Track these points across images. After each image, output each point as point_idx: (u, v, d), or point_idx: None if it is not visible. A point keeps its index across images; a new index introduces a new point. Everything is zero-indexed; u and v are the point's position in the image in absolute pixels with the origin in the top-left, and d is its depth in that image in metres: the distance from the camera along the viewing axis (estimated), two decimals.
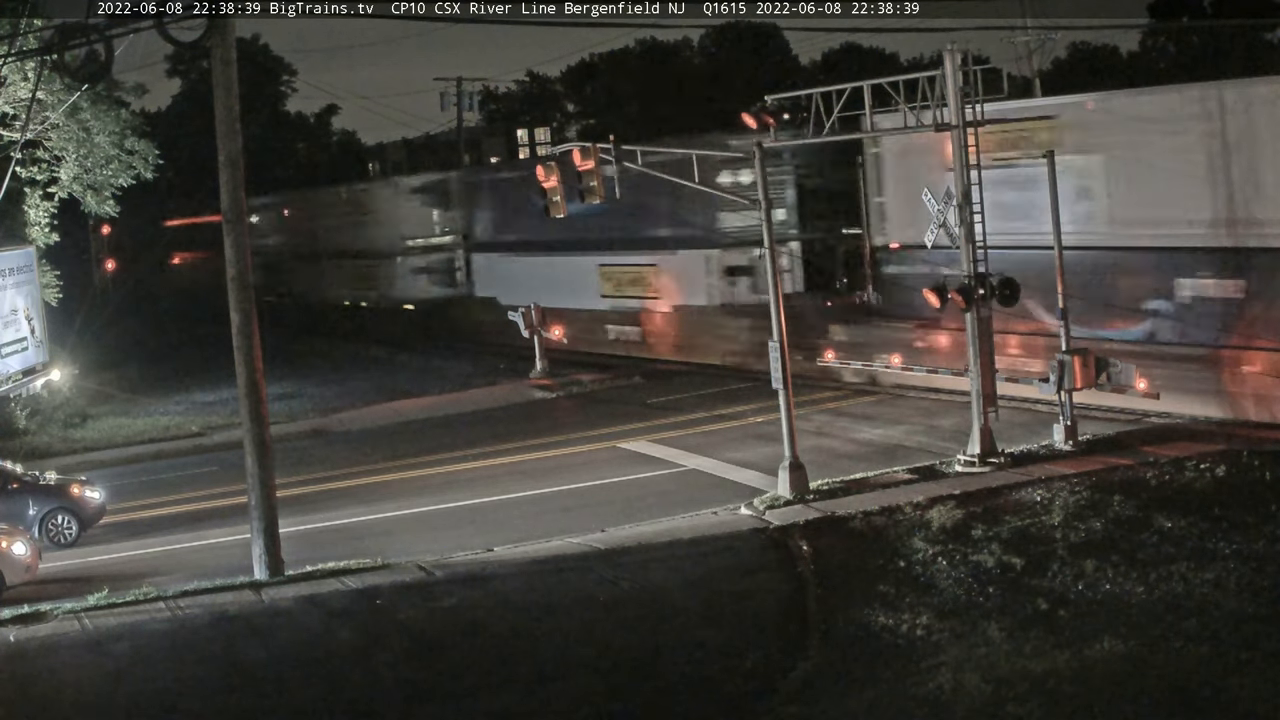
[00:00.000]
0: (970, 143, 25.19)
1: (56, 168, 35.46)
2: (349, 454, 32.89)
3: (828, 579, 20.15)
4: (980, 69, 25.94)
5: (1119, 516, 21.23)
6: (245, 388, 22.13)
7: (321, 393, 42.16)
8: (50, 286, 37.25)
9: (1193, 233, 27.67)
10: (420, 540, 23.77)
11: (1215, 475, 22.92)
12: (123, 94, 38.66)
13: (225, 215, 22.10)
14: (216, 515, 26.96)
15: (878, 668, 16.73)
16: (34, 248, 35.46)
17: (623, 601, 19.75)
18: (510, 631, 18.85)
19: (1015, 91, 26.96)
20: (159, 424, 38.45)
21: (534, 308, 40.79)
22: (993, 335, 25.82)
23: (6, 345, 32.96)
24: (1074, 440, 25.84)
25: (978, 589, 19.01)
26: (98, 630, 19.67)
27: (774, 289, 24.73)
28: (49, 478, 27.17)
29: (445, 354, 48.94)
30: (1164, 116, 28.35)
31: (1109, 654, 16.20)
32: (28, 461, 30.12)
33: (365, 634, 19.12)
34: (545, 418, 35.67)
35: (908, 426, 29.73)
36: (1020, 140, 30.30)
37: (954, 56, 25.16)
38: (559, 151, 30.32)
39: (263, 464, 22.10)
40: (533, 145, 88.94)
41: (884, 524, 22.14)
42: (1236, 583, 18.22)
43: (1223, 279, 27.35)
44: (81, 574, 23.54)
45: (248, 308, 22.03)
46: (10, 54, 29.06)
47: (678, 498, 25.29)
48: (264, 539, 21.98)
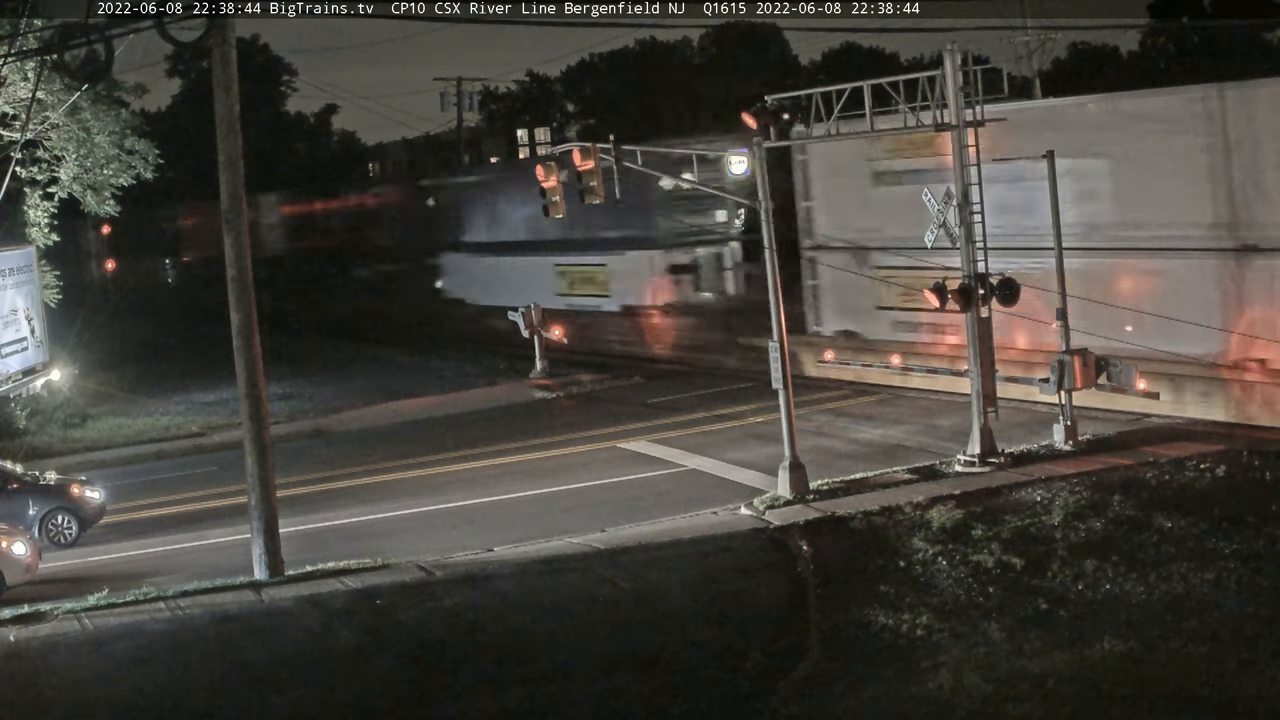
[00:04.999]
0: (970, 143, 25.22)
1: (56, 168, 35.44)
2: (349, 454, 32.89)
3: (828, 579, 20.16)
4: (980, 69, 25.96)
5: (1119, 516, 21.24)
6: (245, 388, 22.14)
7: (321, 392, 42.17)
8: (50, 287, 37.22)
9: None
10: (420, 540, 23.77)
11: (1215, 475, 22.94)
12: (123, 94, 38.59)
13: (225, 215, 22.13)
14: (216, 515, 26.96)
15: (878, 668, 16.73)
16: (34, 248, 35.43)
17: (623, 601, 19.76)
18: (510, 631, 18.85)
19: (1015, 91, 26.94)
20: (159, 424, 38.47)
21: (534, 308, 40.87)
22: (992, 335, 25.84)
23: (6, 345, 32.93)
24: (1074, 440, 25.86)
25: (978, 589, 19.01)
26: (98, 630, 19.67)
27: (774, 290, 24.70)
28: (49, 478, 27.18)
29: (443, 354, 48.96)
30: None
31: (1109, 654, 16.21)
32: (28, 461, 30.11)
33: (365, 634, 19.13)
34: (545, 417, 35.67)
35: (908, 426, 29.74)
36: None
37: (954, 56, 25.18)
38: (559, 151, 30.30)
39: (263, 464, 22.11)
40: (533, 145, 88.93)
41: (884, 524, 22.14)
42: (1236, 583, 18.22)
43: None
44: (81, 574, 23.54)
45: (248, 308, 22.05)
46: (10, 54, 29.03)
47: (678, 498, 25.30)
48: (264, 539, 21.99)
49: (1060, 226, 26.41)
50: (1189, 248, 27.48)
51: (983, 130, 25.41)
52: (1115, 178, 28.80)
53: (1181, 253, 27.63)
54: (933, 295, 25.37)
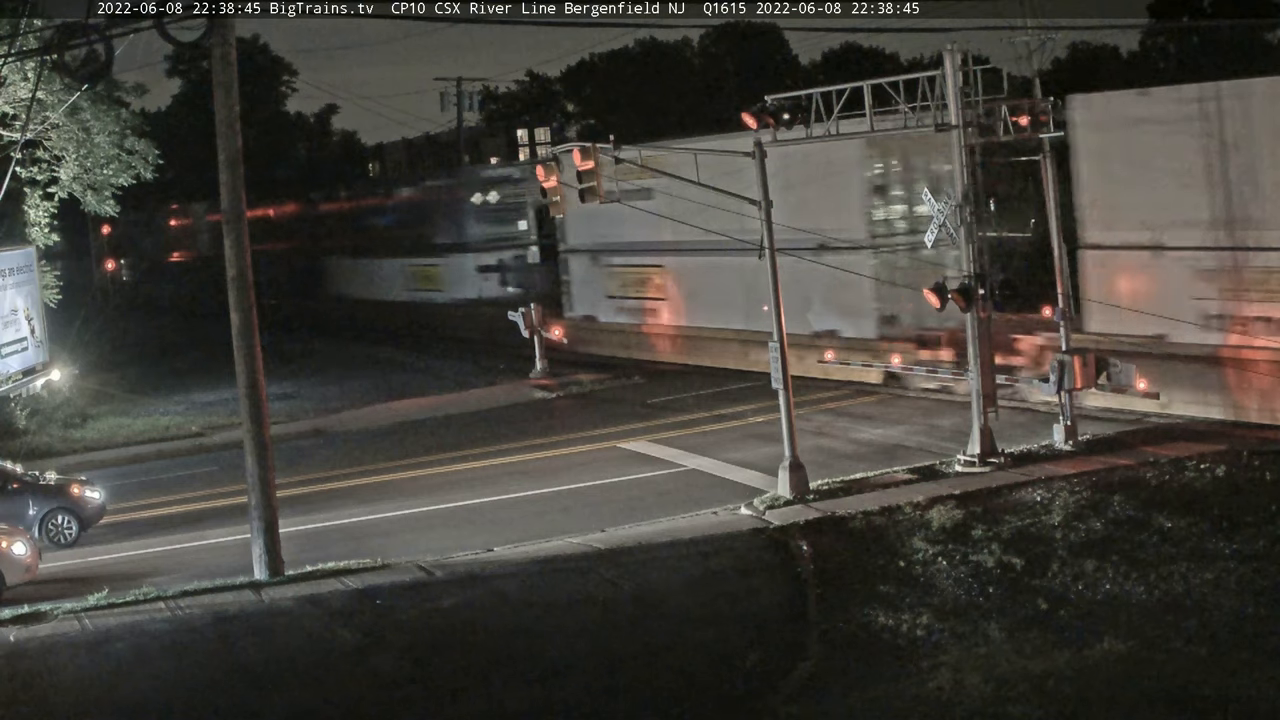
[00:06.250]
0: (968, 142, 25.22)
1: (56, 168, 35.42)
2: (349, 454, 32.90)
3: (828, 579, 20.16)
4: (980, 69, 25.95)
5: (1119, 516, 21.24)
6: (245, 388, 22.14)
7: (321, 392, 42.17)
8: (50, 287, 37.21)
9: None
10: (420, 540, 23.77)
11: (1215, 475, 22.93)
12: (123, 94, 38.60)
13: (225, 215, 22.14)
14: (216, 515, 26.96)
15: (878, 668, 16.74)
16: (34, 248, 35.42)
17: (622, 601, 19.76)
18: (510, 631, 18.85)
19: (1015, 91, 26.93)
20: (159, 424, 38.46)
21: (534, 308, 40.98)
22: (991, 335, 25.84)
23: (6, 345, 32.90)
24: (1074, 440, 25.86)
25: (978, 589, 19.02)
26: (98, 630, 19.67)
27: (774, 290, 24.70)
28: (49, 478, 27.17)
29: (441, 354, 49.09)
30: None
31: (1109, 654, 16.22)
32: (28, 461, 30.10)
33: (365, 634, 19.13)
34: (545, 417, 35.67)
35: (907, 426, 29.74)
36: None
37: (954, 56, 25.18)
38: (558, 151, 30.40)
39: (263, 464, 22.10)
40: (533, 145, 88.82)
41: (884, 524, 22.14)
42: (1236, 583, 18.24)
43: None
44: (81, 574, 23.53)
45: (247, 308, 22.05)
46: (10, 54, 29.03)
47: (678, 498, 25.30)
48: (264, 539, 21.98)
49: (1060, 227, 26.40)
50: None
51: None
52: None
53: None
54: (933, 295, 25.35)
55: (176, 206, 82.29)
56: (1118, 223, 28.27)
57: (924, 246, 27.89)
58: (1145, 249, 27.51)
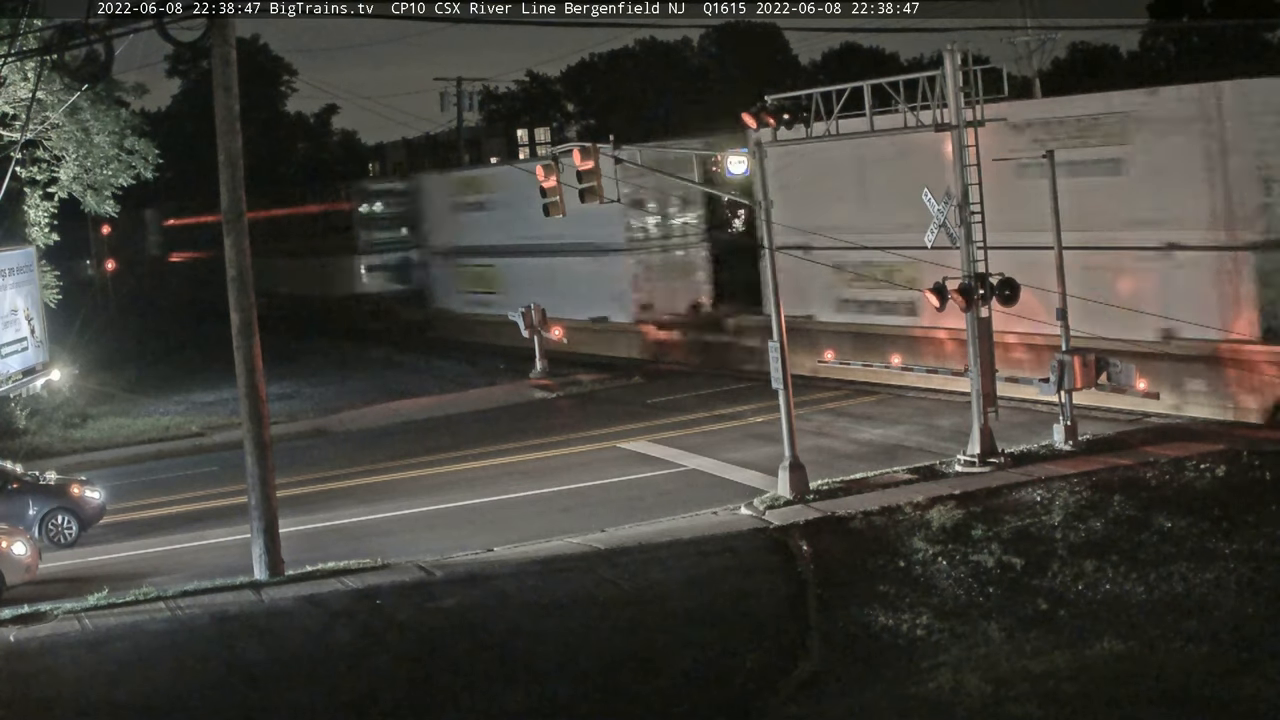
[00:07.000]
0: (970, 143, 25.22)
1: (56, 168, 35.40)
2: (349, 454, 32.90)
3: (828, 579, 20.16)
4: (980, 69, 25.95)
5: (1119, 516, 21.24)
6: (245, 388, 22.14)
7: (321, 392, 42.18)
8: (50, 287, 37.19)
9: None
10: (420, 540, 23.77)
11: (1215, 475, 22.93)
12: (123, 94, 38.56)
13: (225, 215, 22.11)
14: (216, 515, 26.96)
15: (878, 668, 16.75)
16: (34, 248, 35.41)
17: (622, 601, 19.75)
18: (510, 631, 18.85)
19: (1015, 91, 26.94)
20: (159, 424, 38.45)
21: (534, 308, 40.94)
22: (992, 335, 25.84)
23: (6, 345, 32.89)
24: (1074, 440, 25.84)
25: (978, 589, 19.02)
26: (98, 630, 19.67)
27: (774, 291, 24.71)
28: (49, 478, 27.16)
29: (441, 354, 49.10)
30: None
31: (1109, 654, 16.22)
32: (28, 461, 30.09)
33: (365, 634, 19.13)
34: (545, 417, 35.67)
35: (907, 426, 29.74)
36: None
37: (954, 56, 25.17)
38: (558, 151, 30.38)
39: (263, 464, 22.10)
40: (533, 145, 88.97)
41: (884, 524, 22.14)
42: (1236, 583, 18.24)
43: None
44: (81, 574, 23.52)
45: (248, 308, 22.04)
46: (10, 54, 29.03)
47: (678, 498, 25.29)
48: (264, 539, 21.98)
49: (1060, 227, 26.39)
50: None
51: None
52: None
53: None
54: (932, 295, 25.36)
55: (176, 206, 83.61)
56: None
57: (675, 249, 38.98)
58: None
